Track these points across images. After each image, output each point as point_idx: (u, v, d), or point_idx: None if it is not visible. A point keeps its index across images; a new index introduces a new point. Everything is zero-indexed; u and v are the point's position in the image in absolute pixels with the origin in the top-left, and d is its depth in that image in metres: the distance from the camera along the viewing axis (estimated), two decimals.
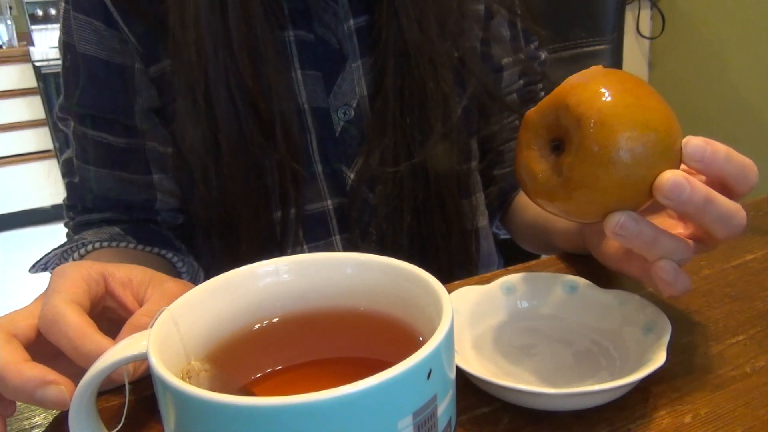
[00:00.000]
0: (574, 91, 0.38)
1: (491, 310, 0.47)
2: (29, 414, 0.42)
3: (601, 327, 0.45)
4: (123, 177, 0.65)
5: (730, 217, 0.38)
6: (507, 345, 0.45)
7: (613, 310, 0.45)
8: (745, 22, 2.34)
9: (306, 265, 0.35)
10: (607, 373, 0.41)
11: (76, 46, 0.62)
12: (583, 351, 0.43)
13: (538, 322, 0.46)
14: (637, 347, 0.41)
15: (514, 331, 0.46)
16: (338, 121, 0.63)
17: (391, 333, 0.33)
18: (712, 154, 0.38)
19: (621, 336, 0.43)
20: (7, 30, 3.51)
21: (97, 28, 0.61)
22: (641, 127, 0.36)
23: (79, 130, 0.65)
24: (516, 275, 0.48)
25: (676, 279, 0.39)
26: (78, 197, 0.67)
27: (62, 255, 0.67)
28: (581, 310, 0.46)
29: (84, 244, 0.64)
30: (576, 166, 0.38)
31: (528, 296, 0.48)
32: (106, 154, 0.64)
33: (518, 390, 0.36)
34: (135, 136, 0.64)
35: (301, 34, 0.61)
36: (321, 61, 0.62)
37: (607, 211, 0.38)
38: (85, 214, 0.67)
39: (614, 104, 0.37)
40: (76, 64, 0.62)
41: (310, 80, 0.62)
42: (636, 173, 0.37)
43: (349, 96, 0.63)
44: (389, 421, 0.24)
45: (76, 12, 0.61)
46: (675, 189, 0.36)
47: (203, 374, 0.30)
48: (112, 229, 0.65)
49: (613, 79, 0.39)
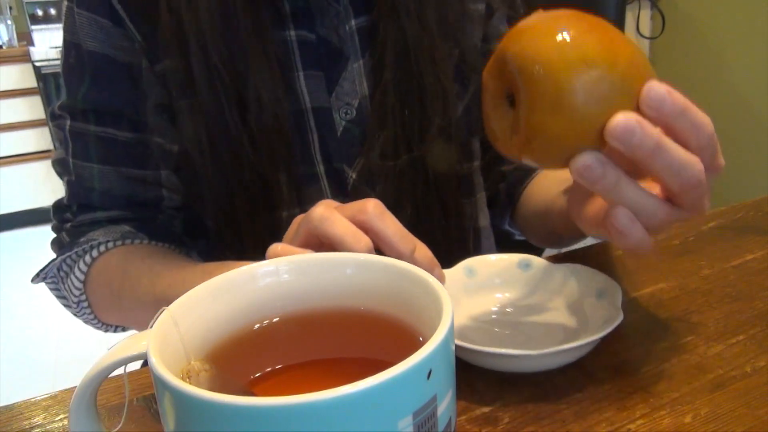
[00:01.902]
0: (510, 42, 0.37)
1: (457, 290, 0.50)
2: (29, 414, 0.42)
3: (557, 298, 0.49)
4: (130, 173, 0.64)
5: (682, 167, 0.36)
6: (476, 321, 0.48)
7: (566, 282, 0.49)
8: (745, 22, 2.34)
9: (306, 265, 0.35)
10: (571, 337, 0.44)
11: (82, 43, 0.61)
12: (545, 322, 0.47)
13: (500, 299, 0.50)
14: (594, 312, 0.45)
15: (480, 309, 0.49)
16: (340, 120, 0.63)
17: (391, 333, 0.33)
18: (671, 105, 0.36)
19: (578, 304, 0.47)
20: (7, 30, 3.51)
21: (102, 25, 0.61)
22: (580, 66, 0.35)
23: (80, 127, 0.64)
24: (475, 258, 0.52)
25: (630, 229, 0.38)
26: (79, 196, 0.66)
27: (66, 261, 0.66)
28: (538, 285, 0.50)
29: (94, 245, 0.63)
30: (526, 117, 0.37)
31: (488, 276, 0.51)
32: (112, 149, 0.63)
33: (497, 354, 0.39)
34: (142, 131, 0.63)
35: (303, 35, 0.61)
36: (323, 60, 0.62)
37: (570, 156, 0.37)
38: (87, 213, 0.66)
39: (549, 46, 0.35)
40: (81, 61, 0.62)
41: (312, 80, 0.62)
42: (586, 116, 0.35)
43: (351, 96, 0.63)
44: (389, 421, 0.24)
45: (81, 9, 0.61)
46: (625, 132, 0.35)
47: (203, 374, 0.30)
48: (122, 228, 0.65)
49: (550, 21, 0.37)
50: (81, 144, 0.64)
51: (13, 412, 0.42)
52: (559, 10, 0.38)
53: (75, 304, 0.67)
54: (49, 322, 2.44)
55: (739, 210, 0.65)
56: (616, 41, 0.37)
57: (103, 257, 0.63)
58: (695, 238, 0.60)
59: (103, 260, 0.63)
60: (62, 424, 0.41)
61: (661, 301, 0.50)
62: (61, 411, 0.42)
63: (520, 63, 0.36)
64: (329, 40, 0.62)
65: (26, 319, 2.53)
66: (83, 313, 0.68)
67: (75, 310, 0.69)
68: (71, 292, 0.66)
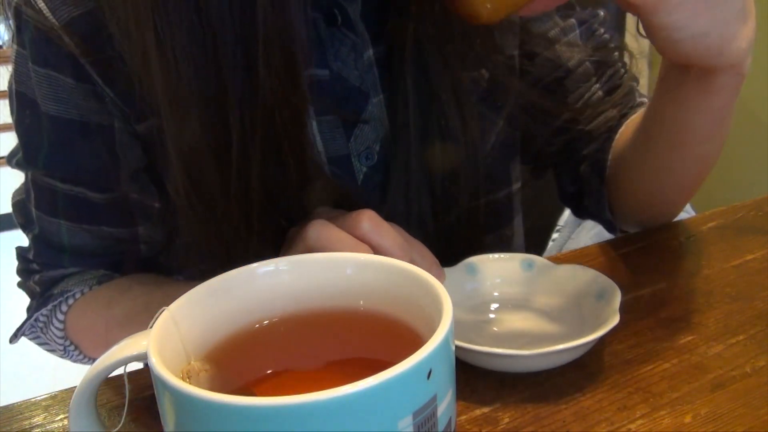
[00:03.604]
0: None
1: (457, 289, 0.49)
2: (29, 414, 0.42)
3: (558, 298, 0.49)
4: (103, 232, 0.57)
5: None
6: (475, 320, 0.48)
7: (567, 282, 0.49)
8: None
9: (306, 265, 0.35)
10: (569, 337, 0.43)
11: (39, 104, 0.52)
12: (545, 322, 0.48)
13: (501, 298, 0.50)
14: (593, 312, 0.45)
15: (481, 307, 0.50)
16: (360, 167, 0.56)
17: (391, 333, 0.33)
18: None
19: (578, 304, 0.47)
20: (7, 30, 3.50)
21: (64, 84, 0.51)
22: None
23: (44, 181, 0.55)
24: (478, 257, 0.52)
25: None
26: (47, 256, 0.59)
27: (42, 313, 0.61)
28: (538, 285, 0.50)
29: (69, 296, 0.58)
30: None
31: (490, 275, 0.51)
32: (82, 209, 0.56)
33: (497, 354, 0.40)
34: (116, 191, 0.55)
35: (315, 73, 0.53)
36: (339, 102, 0.55)
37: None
38: (57, 269, 0.59)
39: None
40: (38, 124, 0.53)
41: (326, 126, 0.54)
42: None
43: (372, 138, 0.56)
44: (389, 421, 0.24)
45: (38, 66, 0.51)
46: None
47: (203, 374, 0.30)
48: (97, 272, 0.59)
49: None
50: (46, 198, 0.56)
51: (13, 412, 0.42)
52: None
53: (61, 349, 0.64)
54: None
55: (739, 210, 0.64)
56: None
57: (80, 302, 0.59)
58: (695, 238, 0.60)
59: (80, 305, 0.59)
60: (62, 424, 0.41)
61: (661, 301, 0.50)
62: (61, 411, 0.42)
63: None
64: (345, 77, 0.54)
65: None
66: (71, 356, 0.65)
67: (62, 354, 0.65)
68: (55, 341, 0.63)
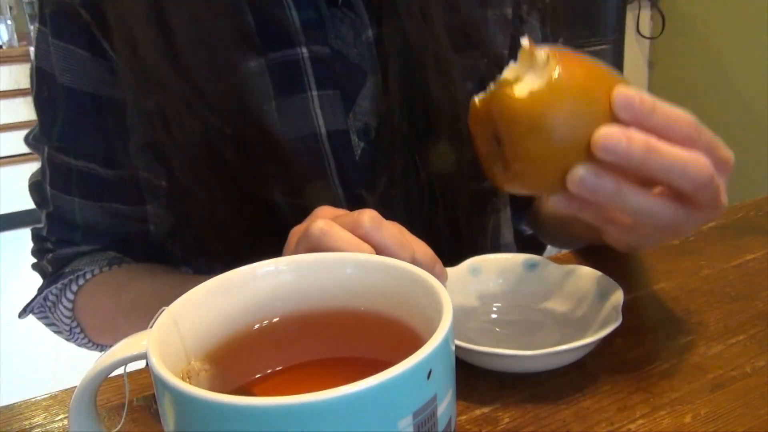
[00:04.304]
0: (488, 104, 0.40)
1: (460, 289, 0.50)
2: (29, 414, 0.42)
3: (560, 299, 0.49)
4: (114, 209, 0.59)
5: (685, 165, 0.37)
6: (477, 320, 0.48)
7: (568, 282, 0.49)
8: (745, 22, 2.34)
9: (306, 265, 0.35)
10: (571, 338, 0.44)
11: (56, 76, 0.55)
12: (547, 322, 0.48)
13: (503, 298, 0.50)
14: (595, 313, 0.45)
15: (483, 308, 0.50)
16: (358, 142, 0.58)
17: (391, 333, 0.33)
18: (640, 103, 0.37)
19: (579, 305, 0.47)
20: (7, 30, 3.51)
21: (81, 57, 0.55)
22: (545, 95, 0.37)
23: (58, 158, 0.58)
24: (480, 257, 0.52)
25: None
26: (60, 232, 0.61)
27: (51, 292, 0.63)
28: (540, 285, 0.50)
29: (80, 275, 0.60)
30: (513, 161, 0.40)
31: (492, 275, 0.51)
32: (94, 185, 0.58)
33: (497, 354, 0.40)
34: (126, 168, 0.58)
35: (316, 50, 0.56)
36: (339, 77, 0.57)
37: (562, 179, 0.39)
38: (70, 246, 0.62)
39: (519, 105, 0.38)
40: (54, 95, 0.56)
41: (327, 101, 0.57)
42: (569, 147, 0.37)
43: (370, 115, 0.58)
44: (389, 421, 0.24)
45: (57, 39, 0.55)
46: (609, 142, 0.36)
47: (203, 374, 0.30)
48: (107, 254, 0.61)
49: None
50: (60, 175, 0.59)
51: (13, 412, 0.42)
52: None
53: (67, 330, 0.65)
54: None
55: (739, 210, 0.65)
56: (578, 66, 0.39)
57: (90, 283, 0.60)
58: (695, 238, 0.60)
59: (91, 287, 0.60)
60: (62, 424, 0.41)
61: (661, 301, 0.50)
62: (61, 411, 0.42)
63: (499, 123, 0.40)
64: (345, 54, 0.57)
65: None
66: (77, 338, 0.66)
67: (67, 336, 0.67)
68: (61, 321, 0.64)
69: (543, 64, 0.38)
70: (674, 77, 2.69)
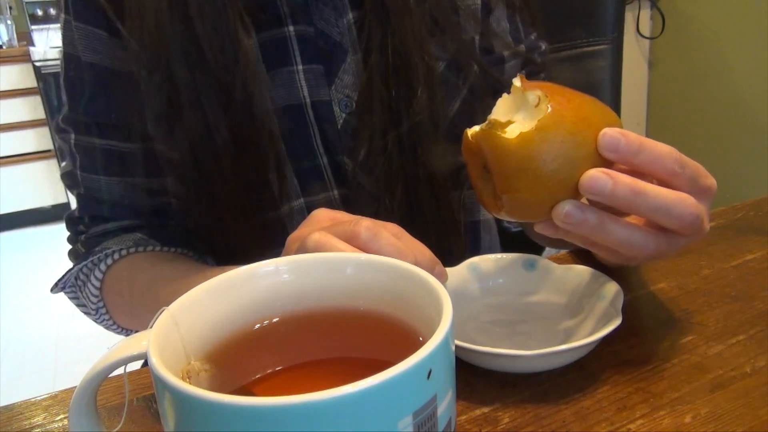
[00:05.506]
0: (479, 140, 0.41)
1: (460, 289, 0.50)
2: (29, 414, 0.42)
3: (560, 299, 0.49)
4: (135, 183, 0.65)
5: (670, 206, 0.38)
6: (477, 320, 0.48)
7: (568, 282, 0.49)
8: (745, 22, 2.34)
9: (306, 265, 0.35)
10: (571, 338, 0.44)
11: (81, 56, 0.62)
12: (546, 322, 0.48)
13: (503, 298, 0.51)
14: (595, 313, 0.45)
15: (483, 308, 0.50)
16: (340, 113, 0.64)
17: (391, 333, 0.33)
18: (626, 143, 0.38)
19: (579, 305, 0.47)
20: (7, 30, 3.51)
21: (99, 36, 0.62)
22: (536, 153, 0.38)
23: (85, 141, 0.65)
24: (480, 257, 0.52)
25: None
26: (89, 208, 0.67)
27: (82, 270, 0.67)
28: (540, 285, 0.50)
29: (108, 254, 0.64)
30: (502, 194, 0.41)
31: (492, 275, 0.52)
32: (116, 161, 0.64)
33: (497, 354, 0.40)
34: (145, 141, 0.63)
35: (302, 29, 0.62)
36: (322, 54, 0.63)
37: (549, 211, 0.40)
38: (99, 224, 0.67)
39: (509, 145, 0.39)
40: (80, 74, 0.63)
41: (311, 74, 0.63)
42: (556, 186, 0.39)
43: (350, 88, 0.64)
44: (389, 421, 0.24)
45: (78, 22, 0.62)
46: (595, 184, 0.37)
47: (203, 374, 0.30)
48: (134, 236, 0.66)
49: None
50: (87, 157, 0.65)
51: (13, 412, 0.42)
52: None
53: (94, 311, 0.69)
54: (49, 323, 2.44)
55: (739, 210, 0.65)
56: (567, 107, 0.39)
57: (116, 265, 0.64)
58: None
59: (116, 268, 0.65)
60: (62, 424, 0.41)
61: (661, 301, 0.50)
62: (61, 411, 0.42)
63: (488, 163, 0.41)
64: (328, 34, 0.63)
65: (26, 319, 2.53)
66: (102, 319, 0.70)
67: (95, 317, 0.71)
68: (89, 300, 0.68)
69: (533, 104, 0.39)
70: (674, 77, 2.69)
